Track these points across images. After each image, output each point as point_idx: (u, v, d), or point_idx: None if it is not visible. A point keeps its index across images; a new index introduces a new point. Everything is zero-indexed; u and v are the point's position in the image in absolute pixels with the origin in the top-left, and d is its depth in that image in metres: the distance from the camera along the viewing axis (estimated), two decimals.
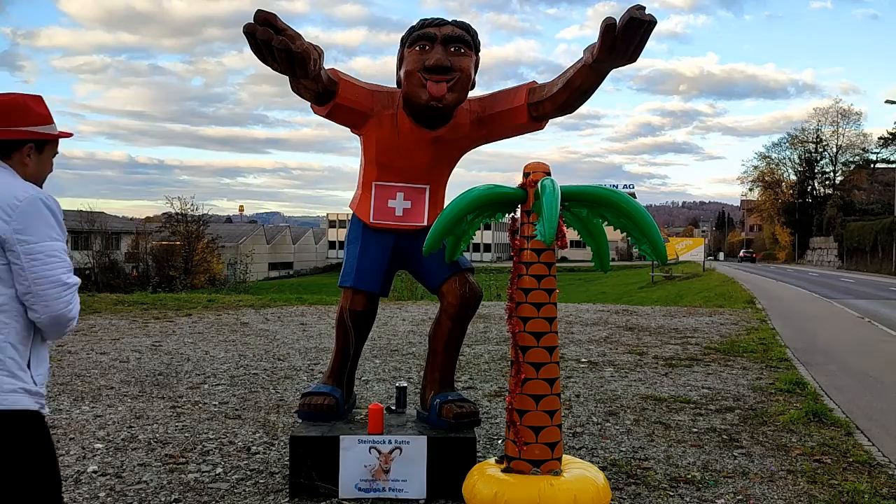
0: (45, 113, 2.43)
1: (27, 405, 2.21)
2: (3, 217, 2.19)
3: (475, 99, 4.28)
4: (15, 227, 2.19)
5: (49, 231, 2.25)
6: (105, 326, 11.65)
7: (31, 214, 2.22)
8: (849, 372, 8.69)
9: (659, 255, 3.67)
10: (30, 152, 2.39)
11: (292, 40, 3.20)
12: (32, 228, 2.21)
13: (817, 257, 64.59)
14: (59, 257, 2.26)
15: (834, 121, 73.85)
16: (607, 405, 6.49)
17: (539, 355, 3.57)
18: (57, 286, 2.23)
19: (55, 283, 2.22)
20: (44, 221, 2.24)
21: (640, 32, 3.35)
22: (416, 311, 14.90)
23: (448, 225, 3.64)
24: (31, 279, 2.19)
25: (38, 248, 2.21)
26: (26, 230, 2.20)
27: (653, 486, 4.38)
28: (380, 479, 4.02)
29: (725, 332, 12.16)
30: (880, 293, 24.84)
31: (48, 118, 2.43)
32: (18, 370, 2.21)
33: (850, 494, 4.26)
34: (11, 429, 2.18)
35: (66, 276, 2.26)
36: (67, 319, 2.28)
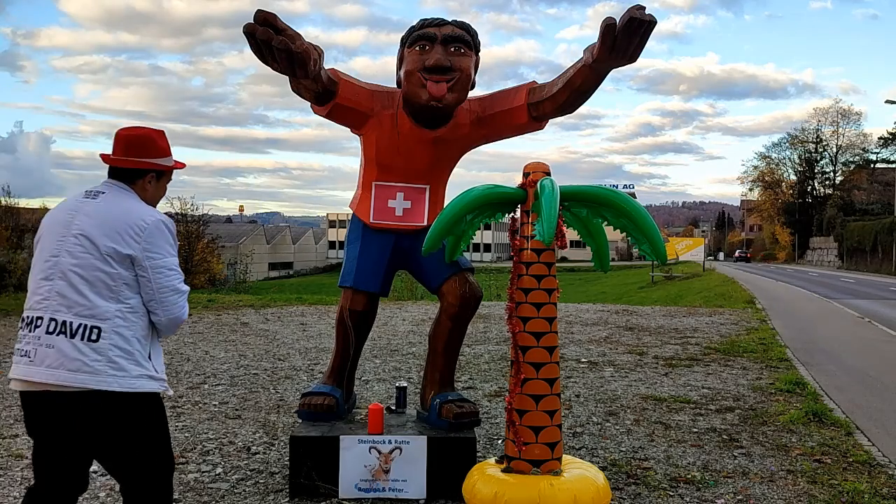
0: (166, 147, 2.87)
1: (151, 388, 2.66)
2: (134, 237, 2.63)
3: (475, 99, 4.28)
4: (144, 247, 2.64)
5: (168, 248, 2.70)
6: None
7: (156, 235, 2.67)
8: (849, 372, 8.69)
9: (659, 256, 3.67)
10: (151, 180, 2.83)
11: (292, 40, 3.20)
12: (157, 247, 2.66)
13: (817, 257, 64.58)
14: (175, 270, 2.72)
15: (834, 121, 73.87)
16: (607, 405, 6.49)
17: (539, 355, 3.57)
18: (175, 293, 2.69)
19: (174, 291, 2.68)
20: (165, 240, 2.69)
21: (641, 32, 3.35)
22: (416, 311, 14.90)
23: (448, 225, 3.64)
24: (155, 289, 2.65)
25: (161, 262, 2.66)
26: (152, 248, 2.65)
27: (653, 486, 4.39)
28: (380, 479, 4.02)
29: (725, 332, 12.16)
30: (880, 293, 24.84)
31: (167, 151, 2.87)
32: (143, 360, 2.64)
33: (850, 494, 4.26)
34: (138, 407, 2.63)
35: (180, 284, 2.73)
36: (181, 320, 2.74)
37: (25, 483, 4.26)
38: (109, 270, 2.60)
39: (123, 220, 2.64)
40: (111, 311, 2.59)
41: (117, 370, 2.56)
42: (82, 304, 2.57)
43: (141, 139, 2.80)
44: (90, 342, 2.55)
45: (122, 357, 2.58)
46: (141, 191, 2.80)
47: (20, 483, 4.28)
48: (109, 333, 2.58)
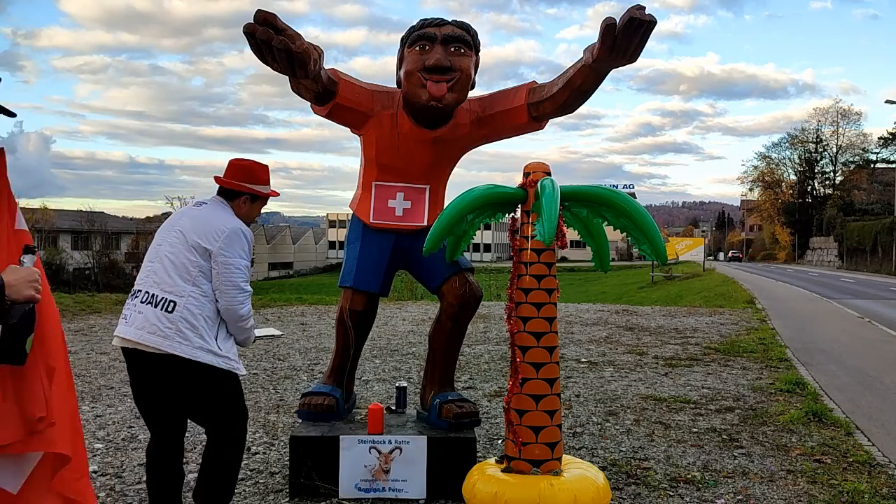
0: (265, 178, 3.51)
1: (209, 361, 3.13)
2: (215, 238, 3.22)
3: (475, 99, 4.28)
4: (220, 245, 3.21)
5: (240, 251, 3.26)
6: (105, 326, 11.65)
7: (232, 238, 3.24)
8: (849, 372, 8.69)
9: (659, 256, 3.67)
10: (245, 201, 3.45)
11: (292, 40, 3.20)
12: (230, 248, 3.23)
13: (817, 257, 64.57)
14: (241, 270, 3.25)
15: (834, 121, 73.86)
16: (607, 405, 6.49)
17: (539, 355, 3.57)
18: (235, 289, 3.21)
19: (234, 286, 3.21)
20: (239, 245, 3.26)
21: (641, 32, 3.35)
22: (416, 311, 14.90)
23: (448, 225, 3.64)
24: (221, 280, 3.19)
25: (231, 261, 3.22)
26: (227, 248, 3.22)
27: (653, 486, 4.38)
28: (380, 479, 4.01)
29: (725, 332, 12.16)
30: (880, 293, 24.84)
31: (265, 181, 3.51)
32: (207, 336, 3.15)
33: (850, 494, 4.26)
34: (199, 374, 3.14)
35: (244, 283, 3.25)
36: (238, 315, 3.23)
37: None
38: (192, 259, 3.19)
39: (212, 224, 3.25)
40: (187, 290, 3.15)
41: (182, 339, 3.08)
42: (167, 282, 3.16)
43: (245, 168, 3.46)
44: (167, 312, 3.11)
45: (189, 329, 3.10)
46: (237, 207, 3.42)
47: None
48: (181, 308, 3.12)
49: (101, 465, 4.60)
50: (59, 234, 43.28)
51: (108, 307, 14.60)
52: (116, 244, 44.10)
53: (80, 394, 6.65)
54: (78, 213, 44.12)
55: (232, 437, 3.34)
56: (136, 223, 48.27)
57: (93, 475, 4.43)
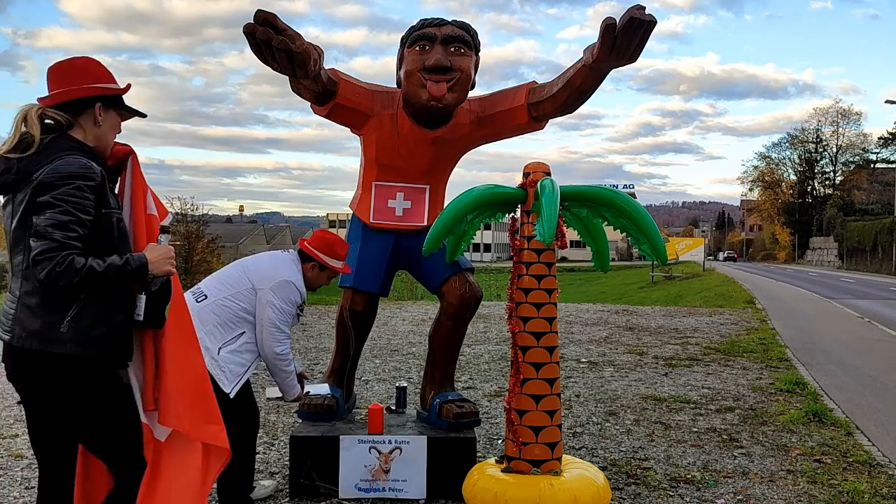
0: (342, 255, 3.88)
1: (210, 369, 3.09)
2: (267, 281, 3.55)
3: (475, 99, 4.28)
4: (270, 287, 3.54)
5: (287, 298, 3.57)
6: None
7: (283, 286, 3.57)
8: (849, 372, 8.69)
9: (659, 256, 3.67)
10: (314, 267, 3.82)
11: (292, 40, 3.20)
12: (278, 291, 3.55)
13: (817, 257, 64.56)
14: (283, 314, 3.55)
15: (834, 121, 73.82)
16: (607, 405, 6.49)
17: (539, 355, 3.57)
18: (273, 326, 3.53)
19: (272, 324, 3.52)
20: (288, 292, 3.58)
21: (641, 32, 3.35)
22: (416, 311, 14.90)
23: (448, 225, 3.64)
24: (262, 315, 3.52)
25: (275, 302, 3.52)
26: (275, 290, 3.54)
27: (653, 486, 4.38)
28: (380, 479, 4.01)
29: (725, 332, 12.16)
30: (880, 293, 24.84)
31: (340, 257, 3.87)
32: (212, 338, 3.39)
33: (850, 494, 4.26)
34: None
35: (282, 324, 3.55)
36: (274, 351, 3.56)
37: (25, 483, 4.26)
38: (240, 282, 3.59)
39: (272, 271, 3.61)
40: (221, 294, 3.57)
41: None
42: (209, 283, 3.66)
43: (324, 240, 3.80)
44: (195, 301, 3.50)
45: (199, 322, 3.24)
46: (306, 269, 3.75)
47: (20, 483, 4.27)
48: (209, 303, 3.52)
49: None
50: None
51: None
52: None
53: None
54: None
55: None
56: None
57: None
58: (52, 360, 2.36)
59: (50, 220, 2.26)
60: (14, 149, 2.37)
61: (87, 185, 2.33)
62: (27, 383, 2.42)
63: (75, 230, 2.29)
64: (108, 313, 2.42)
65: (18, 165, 2.35)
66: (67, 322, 2.34)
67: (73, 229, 2.28)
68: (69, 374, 2.37)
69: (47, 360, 2.35)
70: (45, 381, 2.38)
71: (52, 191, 2.29)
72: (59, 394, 2.39)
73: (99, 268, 2.29)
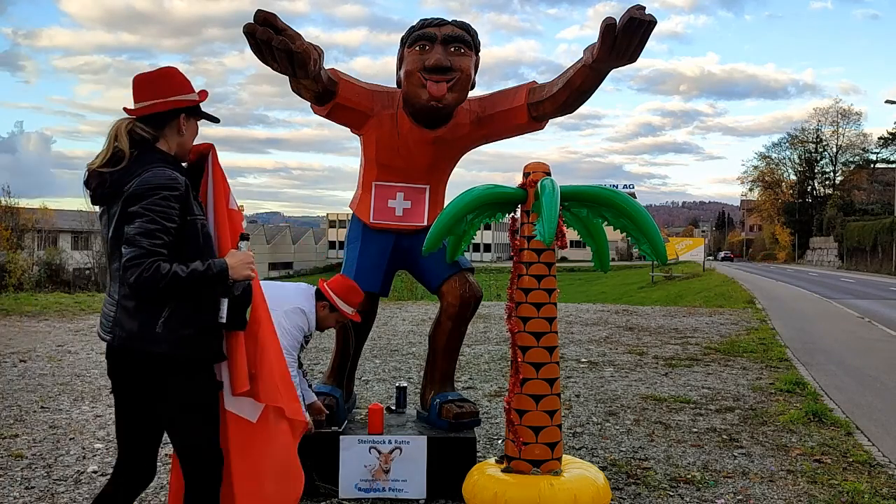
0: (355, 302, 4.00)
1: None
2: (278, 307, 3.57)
3: (475, 99, 4.27)
4: (280, 313, 3.59)
5: (297, 323, 3.78)
6: None
7: (295, 312, 3.78)
8: (849, 372, 8.69)
9: (659, 256, 3.67)
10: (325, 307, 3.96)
11: (292, 40, 3.20)
12: (288, 316, 3.73)
13: (817, 257, 64.55)
14: (291, 335, 3.72)
15: (834, 121, 73.82)
16: (607, 405, 6.49)
17: (539, 355, 3.57)
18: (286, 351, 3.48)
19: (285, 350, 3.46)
20: (298, 319, 3.78)
21: (641, 32, 3.35)
22: (416, 311, 14.90)
23: (448, 225, 3.64)
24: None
25: (283, 323, 3.65)
26: (286, 315, 3.71)
27: (653, 486, 4.38)
28: (380, 479, 4.01)
29: (725, 332, 12.16)
30: (880, 293, 24.84)
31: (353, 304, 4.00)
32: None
33: (850, 494, 4.26)
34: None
35: (288, 345, 3.65)
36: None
37: (25, 483, 4.26)
38: None
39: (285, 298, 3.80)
40: None
41: None
42: None
43: (341, 285, 3.95)
44: None
45: None
46: (319, 308, 3.91)
47: (20, 483, 4.27)
48: None
49: (101, 465, 4.60)
50: (59, 234, 43.27)
51: None
52: None
53: (80, 394, 6.66)
54: (78, 213, 44.09)
55: None
56: None
57: (93, 475, 4.43)
58: (148, 359, 2.55)
59: (139, 228, 2.46)
60: (107, 163, 2.58)
61: (172, 195, 2.52)
62: (125, 380, 2.63)
63: (161, 238, 2.47)
64: (197, 315, 2.60)
65: (111, 179, 2.56)
66: (161, 323, 2.52)
67: (160, 237, 2.47)
68: (163, 372, 2.56)
69: (144, 358, 2.55)
70: (141, 377, 2.58)
71: (140, 201, 2.48)
72: (153, 389, 2.59)
73: (182, 273, 2.47)
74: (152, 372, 2.56)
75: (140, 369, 2.57)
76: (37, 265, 33.76)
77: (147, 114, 2.65)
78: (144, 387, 2.60)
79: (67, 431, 5.38)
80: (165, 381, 2.58)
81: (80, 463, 4.66)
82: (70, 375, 7.49)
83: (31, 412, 5.95)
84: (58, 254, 37.40)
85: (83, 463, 4.66)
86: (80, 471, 4.50)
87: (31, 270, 31.05)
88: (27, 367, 7.91)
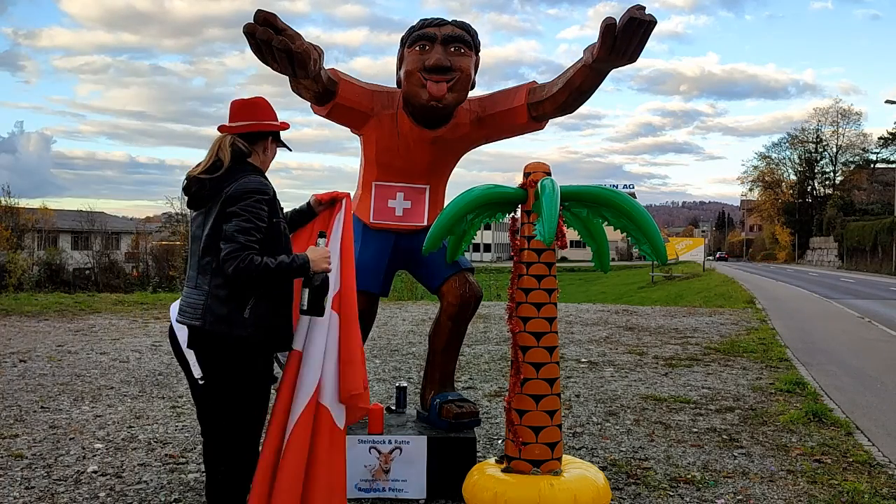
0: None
1: None
2: None
3: (475, 99, 4.27)
4: None
5: None
6: (105, 326, 11.65)
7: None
8: (849, 372, 8.69)
9: (659, 256, 3.67)
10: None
11: (292, 40, 3.20)
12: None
13: (817, 257, 64.57)
14: None
15: (834, 121, 73.85)
16: (607, 405, 6.49)
17: (539, 355, 3.57)
18: None
19: None
20: None
21: (640, 32, 3.35)
22: (416, 311, 14.90)
23: (448, 225, 3.64)
24: None
25: None
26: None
27: (653, 486, 4.39)
28: (380, 479, 4.01)
29: (725, 332, 12.16)
30: (880, 293, 24.84)
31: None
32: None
33: (850, 494, 4.26)
34: None
35: None
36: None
37: (25, 483, 4.26)
38: None
39: None
40: None
41: None
42: None
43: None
44: None
45: None
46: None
47: (20, 483, 4.27)
48: None
49: (101, 465, 4.60)
50: (59, 234, 43.28)
51: (107, 307, 14.60)
52: (116, 244, 44.09)
53: (80, 394, 6.66)
54: (78, 213, 44.12)
55: None
56: (136, 223, 48.31)
57: (93, 475, 4.43)
58: (235, 341, 2.91)
59: (236, 226, 2.85)
60: (206, 171, 2.99)
61: (263, 199, 2.94)
62: (209, 360, 2.97)
63: (254, 235, 2.86)
64: (279, 303, 3.01)
65: (210, 184, 2.96)
66: (249, 309, 2.91)
67: (253, 234, 2.86)
68: (245, 353, 2.94)
69: (232, 341, 2.91)
70: (224, 358, 2.94)
71: (237, 203, 2.89)
72: (228, 368, 2.95)
73: (272, 265, 2.85)
74: (235, 354, 2.93)
75: (225, 351, 2.93)
76: (37, 265, 33.76)
77: (244, 132, 3.08)
78: (226, 367, 2.95)
79: (67, 431, 5.38)
80: (245, 363, 2.95)
81: (80, 463, 4.66)
82: (70, 375, 7.49)
83: (31, 412, 5.95)
84: (58, 254, 37.39)
85: (83, 463, 4.66)
86: (80, 471, 4.50)
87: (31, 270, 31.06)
88: (27, 367, 7.91)
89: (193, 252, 3.04)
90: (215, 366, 2.98)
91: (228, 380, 2.97)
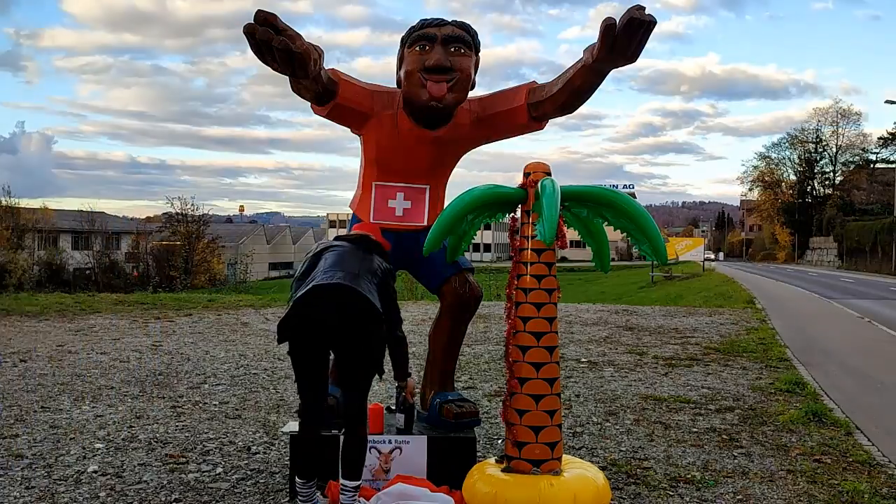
0: None
1: None
2: None
3: (475, 99, 4.28)
4: None
5: None
6: (105, 326, 11.65)
7: None
8: (849, 372, 8.69)
9: (659, 256, 3.67)
10: None
11: (292, 40, 3.20)
12: None
13: (817, 257, 64.57)
14: None
15: (834, 121, 73.91)
16: (607, 405, 6.49)
17: (539, 355, 3.57)
18: None
19: None
20: None
21: (640, 32, 3.35)
22: (416, 311, 14.90)
23: (448, 225, 3.64)
24: None
25: None
26: None
27: (653, 486, 4.39)
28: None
29: (725, 332, 12.16)
30: (880, 293, 24.84)
31: None
32: None
33: (850, 494, 4.26)
34: None
35: None
36: None
37: (25, 483, 4.26)
38: None
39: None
40: None
41: None
42: None
43: None
44: None
45: None
46: None
47: (20, 483, 4.27)
48: None
49: (102, 465, 4.60)
50: (59, 234, 43.29)
51: (108, 307, 14.60)
52: (117, 244, 44.11)
53: (81, 393, 6.66)
54: (78, 213, 44.13)
55: None
56: (136, 223, 48.27)
57: (93, 475, 4.43)
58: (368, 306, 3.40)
59: None
60: None
61: None
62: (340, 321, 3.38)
63: None
64: None
65: None
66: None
67: None
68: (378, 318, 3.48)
69: (367, 306, 3.39)
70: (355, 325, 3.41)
71: None
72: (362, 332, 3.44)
73: None
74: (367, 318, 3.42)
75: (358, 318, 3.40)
76: (37, 265, 33.77)
77: None
78: (356, 330, 3.40)
79: (67, 431, 5.38)
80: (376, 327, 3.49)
81: (80, 463, 4.66)
82: (70, 375, 7.49)
83: (31, 412, 5.95)
84: (58, 254, 37.42)
85: (83, 463, 4.66)
86: (80, 471, 4.50)
87: (32, 270, 31.07)
88: (27, 367, 7.91)
89: None
90: (347, 328, 3.41)
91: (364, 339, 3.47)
